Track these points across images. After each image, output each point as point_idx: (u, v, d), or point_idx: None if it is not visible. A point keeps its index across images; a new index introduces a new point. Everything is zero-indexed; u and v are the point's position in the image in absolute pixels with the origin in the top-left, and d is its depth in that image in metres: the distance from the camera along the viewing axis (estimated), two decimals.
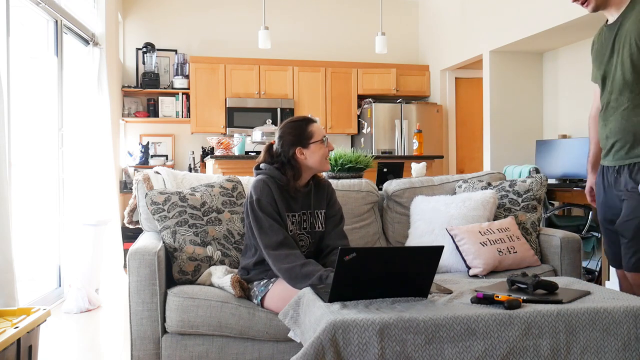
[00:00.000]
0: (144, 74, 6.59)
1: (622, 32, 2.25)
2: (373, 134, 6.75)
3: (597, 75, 2.41)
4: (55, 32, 4.39)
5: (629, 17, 2.23)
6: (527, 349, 1.63)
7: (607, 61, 2.32)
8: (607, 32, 2.34)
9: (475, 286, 1.98)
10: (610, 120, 2.32)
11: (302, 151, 2.31)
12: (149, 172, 2.76)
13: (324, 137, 2.34)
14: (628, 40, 2.21)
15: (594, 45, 2.45)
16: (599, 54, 2.38)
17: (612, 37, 2.30)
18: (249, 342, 2.27)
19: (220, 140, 4.67)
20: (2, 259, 2.92)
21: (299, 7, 7.29)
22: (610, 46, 2.30)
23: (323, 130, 2.38)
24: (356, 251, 1.70)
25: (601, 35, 2.40)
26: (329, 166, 2.40)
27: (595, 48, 2.42)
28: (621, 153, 2.29)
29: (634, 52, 2.19)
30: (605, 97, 2.35)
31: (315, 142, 2.31)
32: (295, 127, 2.34)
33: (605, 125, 2.35)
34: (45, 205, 4.36)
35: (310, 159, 2.32)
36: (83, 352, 3.26)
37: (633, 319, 1.70)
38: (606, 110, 2.35)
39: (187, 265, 2.42)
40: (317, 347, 1.55)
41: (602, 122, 2.38)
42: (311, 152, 2.31)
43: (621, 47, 2.24)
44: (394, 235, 3.00)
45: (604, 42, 2.35)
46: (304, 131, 2.32)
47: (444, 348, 1.60)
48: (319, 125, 2.39)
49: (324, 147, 2.33)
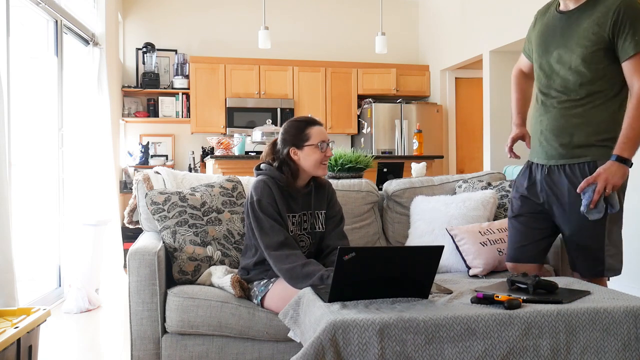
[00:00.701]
0: (144, 74, 6.59)
1: (578, 27, 2.15)
2: (373, 134, 6.75)
3: (537, 59, 2.29)
4: (55, 32, 4.39)
5: (588, 14, 2.13)
6: (527, 349, 1.63)
7: (552, 50, 2.22)
8: (558, 19, 2.23)
9: (475, 286, 1.98)
10: (549, 117, 2.24)
11: (296, 152, 2.30)
12: (149, 172, 2.76)
13: (320, 142, 2.28)
14: (583, 39, 2.12)
15: (537, 24, 2.35)
16: (544, 37, 2.27)
17: (563, 26, 2.20)
18: (249, 342, 2.27)
19: (220, 140, 4.67)
20: (2, 259, 2.92)
21: (299, 7, 7.29)
22: (558, 36, 2.21)
23: (324, 135, 2.31)
24: (355, 251, 1.70)
25: (547, 17, 2.29)
26: (324, 172, 2.34)
27: (540, 29, 2.30)
28: (558, 152, 2.23)
29: (587, 53, 2.11)
30: (544, 89, 2.25)
31: (309, 146, 2.28)
32: (294, 126, 2.33)
33: (542, 120, 2.27)
34: (45, 205, 4.36)
35: (304, 161, 2.30)
36: (83, 352, 3.25)
37: (633, 319, 1.70)
38: (544, 104, 2.26)
39: (187, 265, 2.42)
40: (317, 347, 1.54)
41: (538, 116, 2.29)
42: (305, 155, 2.29)
43: (574, 44, 2.15)
44: (394, 235, 3.00)
45: (552, 27, 2.25)
46: (301, 132, 2.30)
47: (444, 348, 1.60)
48: (320, 129, 2.32)
49: (318, 152, 2.29)
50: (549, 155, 2.27)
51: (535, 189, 2.33)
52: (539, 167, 2.32)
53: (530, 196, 2.35)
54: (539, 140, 2.30)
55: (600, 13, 2.11)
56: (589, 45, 2.11)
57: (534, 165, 2.35)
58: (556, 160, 2.25)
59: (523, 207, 2.37)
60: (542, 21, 2.33)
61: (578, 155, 2.20)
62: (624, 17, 2.06)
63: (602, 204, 2.08)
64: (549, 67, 2.24)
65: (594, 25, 2.11)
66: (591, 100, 2.16)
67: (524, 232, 2.37)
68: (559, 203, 2.26)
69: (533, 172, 2.35)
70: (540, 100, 2.30)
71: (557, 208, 2.28)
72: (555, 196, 2.27)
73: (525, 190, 2.36)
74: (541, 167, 2.31)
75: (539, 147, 2.31)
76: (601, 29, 2.09)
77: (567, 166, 2.23)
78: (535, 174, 2.34)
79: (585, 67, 2.14)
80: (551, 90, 2.24)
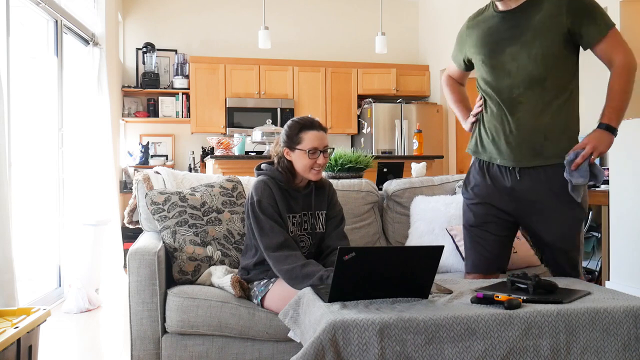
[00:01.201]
0: (144, 74, 6.59)
1: (529, 23, 2.14)
2: (373, 134, 6.75)
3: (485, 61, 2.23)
4: (55, 32, 4.39)
5: (537, 10, 2.13)
6: (527, 349, 1.63)
7: (503, 49, 2.17)
8: (501, 18, 2.20)
9: (475, 286, 1.98)
10: (518, 117, 2.16)
11: (289, 153, 2.29)
12: (149, 172, 2.76)
13: (310, 149, 2.23)
14: (539, 33, 2.11)
15: (474, 30, 2.29)
16: (490, 39, 2.22)
17: (511, 25, 2.17)
18: (249, 342, 2.27)
19: (220, 140, 4.67)
20: (2, 259, 2.92)
21: (299, 7, 7.29)
22: (508, 34, 2.17)
23: (318, 141, 2.25)
24: (355, 251, 1.70)
25: (486, 20, 2.25)
26: (316, 177, 2.29)
27: (482, 33, 2.25)
28: (532, 153, 2.16)
29: (546, 46, 2.10)
30: (505, 91, 2.18)
31: (300, 150, 2.26)
32: (291, 127, 2.31)
33: (505, 121, 2.19)
34: (45, 205, 4.36)
35: (296, 163, 2.29)
36: (83, 352, 3.26)
37: (633, 319, 1.70)
38: (509, 105, 2.18)
39: (187, 265, 2.42)
40: (317, 347, 1.54)
41: (499, 118, 2.21)
42: (296, 157, 2.28)
43: (530, 39, 2.12)
44: (394, 235, 3.00)
45: (496, 27, 2.21)
46: (295, 135, 2.28)
47: (444, 348, 1.60)
48: (316, 134, 2.25)
49: (307, 158, 2.25)
50: (519, 157, 2.18)
51: (499, 195, 2.24)
52: (506, 170, 2.23)
53: (494, 202, 2.26)
54: (505, 142, 2.20)
55: (550, 7, 2.12)
56: (547, 38, 2.11)
57: (493, 166, 2.26)
58: (529, 162, 2.17)
59: (488, 215, 2.27)
60: (481, 25, 2.28)
61: (554, 155, 2.16)
62: (577, 6, 2.10)
63: (587, 169, 2.08)
64: (502, 66, 2.19)
65: (547, 19, 2.11)
66: (556, 95, 2.15)
67: (491, 242, 2.28)
68: (537, 209, 2.20)
69: (492, 174, 2.26)
70: (497, 102, 2.21)
71: (535, 214, 2.21)
72: (532, 202, 2.20)
73: (488, 195, 2.27)
74: (508, 170, 2.22)
75: (505, 148, 2.20)
76: (557, 22, 2.10)
77: (543, 168, 2.17)
78: (499, 178, 2.24)
79: (546, 60, 2.12)
80: (513, 89, 2.17)
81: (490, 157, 2.27)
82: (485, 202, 2.28)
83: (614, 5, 4.34)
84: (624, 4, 4.29)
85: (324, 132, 2.30)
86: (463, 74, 2.52)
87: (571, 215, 2.20)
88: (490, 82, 2.23)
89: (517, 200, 2.22)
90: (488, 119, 2.27)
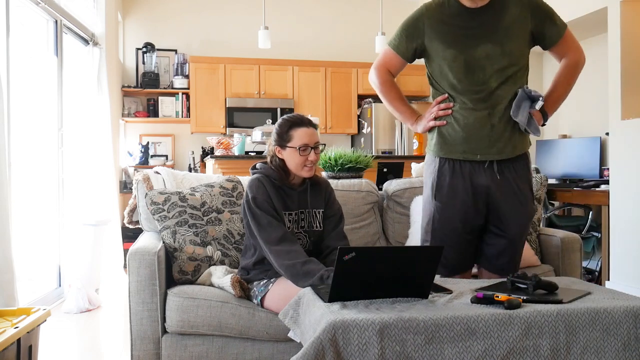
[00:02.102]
0: (143, 73, 6.59)
1: (498, 22, 2.19)
2: (373, 134, 6.75)
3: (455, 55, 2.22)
4: (55, 32, 4.39)
5: (505, 10, 2.21)
6: (527, 349, 1.63)
7: (475, 46, 2.19)
8: (469, 14, 2.22)
9: (475, 286, 1.98)
10: (499, 109, 2.20)
11: (280, 151, 2.30)
12: (148, 172, 2.76)
13: (301, 146, 2.24)
14: (511, 32, 2.19)
15: (435, 24, 2.26)
16: (459, 36, 2.23)
17: (482, 22, 2.21)
18: (249, 342, 2.27)
19: (220, 140, 4.67)
20: (2, 259, 2.92)
21: (299, 7, 7.28)
22: (479, 32, 2.20)
23: (309, 138, 2.26)
24: (355, 251, 1.70)
25: (452, 15, 2.25)
26: (308, 174, 2.30)
27: (448, 27, 2.25)
28: (512, 145, 2.24)
29: (517, 44, 2.21)
30: (480, 87, 2.21)
31: (291, 148, 2.26)
32: (281, 125, 2.33)
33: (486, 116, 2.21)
34: (45, 205, 4.36)
35: (287, 161, 2.30)
36: (83, 352, 3.26)
37: (633, 319, 1.70)
38: (486, 100, 2.21)
39: (187, 265, 2.42)
40: (317, 347, 1.54)
41: (476, 113, 2.22)
42: (287, 155, 2.29)
43: (502, 38, 2.18)
44: (394, 235, 3.00)
45: (465, 24, 2.22)
46: (285, 133, 2.29)
47: (444, 348, 1.60)
48: (306, 131, 2.26)
49: (298, 155, 2.25)
50: (501, 149, 2.23)
51: (473, 192, 2.25)
52: (484, 164, 2.24)
53: (468, 198, 2.26)
54: (488, 136, 2.21)
55: (515, 8, 2.23)
56: (517, 36, 2.22)
57: (466, 164, 2.26)
58: (508, 154, 2.25)
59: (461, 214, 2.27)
60: (448, 20, 2.26)
61: (522, 147, 2.29)
62: (539, 9, 2.26)
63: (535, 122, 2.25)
64: (476, 62, 2.20)
65: (516, 19, 2.22)
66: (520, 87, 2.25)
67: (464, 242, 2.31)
68: (509, 201, 2.26)
69: (465, 172, 2.26)
70: (472, 98, 2.22)
71: (506, 206, 2.26)
72: (505, 195, 2.26)
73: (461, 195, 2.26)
74: (484, 166, 2.24)
75: (486, 142, 2.21)
76: (524, 23, 2.23)
77: (513, 160, 2.27)
78: (473, 174, 2.25)
79: (516, 56, 2.23)
80: (489, 83, 2.20)
81: (466, 155, 2.25)
82: (458, 201, 2.27)
83: (614, 5, 4.34)
84: (624, 4, 4.29)
85: (314, 128, 2.32)
86: (402, 65, 2.45)
87: (530, 211, 2.32)
88: (462, 78, 2.23)
89: (491, 198, 2.26)
90: (462, 117, 2.24)
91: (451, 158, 2.28)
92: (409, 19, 2.35)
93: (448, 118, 2.28)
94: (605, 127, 4.76)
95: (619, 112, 4.29)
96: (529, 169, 2.35)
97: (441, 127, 2.30)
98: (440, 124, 2.30)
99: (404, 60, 2.41)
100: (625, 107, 4.28)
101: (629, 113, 4.28)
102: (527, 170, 2.33)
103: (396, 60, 2.42)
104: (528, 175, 2.33)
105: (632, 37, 4.29)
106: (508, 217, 2.27)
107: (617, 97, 4.30)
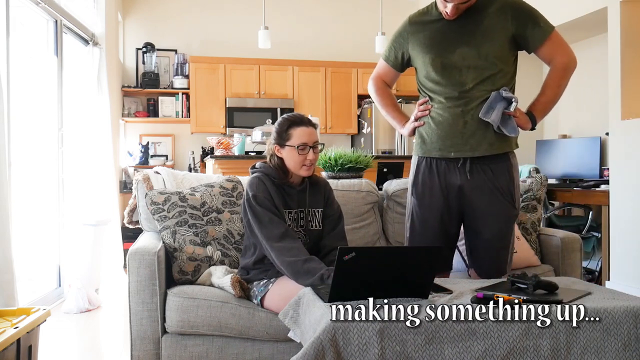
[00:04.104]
0: (143, 74, 6.59)
1: (477, 28, 2.22)
2: (373, 134, 6.75)
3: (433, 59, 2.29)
4: (55, 32, 4.39)
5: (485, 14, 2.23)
6: (527, 349, 1.63)
7: (452, 50, 2.25)
8: (448, 22, 2.27)
9: (475, 286, 1.98)
10: (469, 109, 2.24)
11: (280, 150, 2.31)
12: (148, 172, 2.76)
13: (299, 145, 2.25)
14: (488, 36, 2.21)
15: (418, 33, 2.34)
16: (436, 40, 2.29)
17: (458, 27, 2.25)
18: (249, 342, 2.27)
19: (220, 140, 4.67)
20: (2, 259, 2.92)
21: (299, 7, 7.28)
22: (456, 37, 2.25)
23: (308, 137, 2.27)
24: (355, 251, 1.70)
25: (434, 23, 2.31)
26: (306, 173, 2.31)
27: (430, 34, 2.31)
28: (484, 144, 2.24)
29: (496, 47, 2.21)
30: (456, 87, 2.25)
31: (290, 147, 2.28)
32: (280, 124, 2.34)
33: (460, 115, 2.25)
34: (45, 205, 4.36)
35: (286, 160, 2.31)
36: (83, 352, 3.26)
37: (633, 319, 1.70)
38: (461, 99, 2.25)
39: (187, 265, 2.42)
40: (317, 347, 1.54)
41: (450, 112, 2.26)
42: (286, 154, 2.30)
43: (479, 42, 2.21)
44: (394, 235, 3.00)
45: (443, 31, 2.28)
46: (284, 132, 2.30)
47: (444, 348, 1.60)
48: (305, 130, 2.28)
49: (297, 154, 2.27)
50: (474, 146, 2.25)
51: (448, 191, 2.30)
52: (455, 165, 2.28)
53: (442, 200, 2.31)
54: (461, 132, 2.25)
55: (495, 13, 2.23)
56: (495, 40, 2.22)
57: (442, 163, 2.30)
58: (482, 152, 2.25)
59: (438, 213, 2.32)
60: (427, 27, 2.33)
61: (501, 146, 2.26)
62: (520, 12, 2.24)
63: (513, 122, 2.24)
64: (454, 64, 2.25)
65: (494, 24, 2.23)
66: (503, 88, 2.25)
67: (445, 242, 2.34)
68: (484, 201, 2.27)
69: (441, 171, 2.31)
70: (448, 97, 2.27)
71: (480, 206, 2.27)
72: (479, 195, 2.27)
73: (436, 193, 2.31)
74: (458, 165, 2.27)
75: (460, 138, 2.26)
76: (503, 27, 2.23)
77: (489, 165, 2.26)
78: (448, 174, 2.29)
79: (494, 59, 2.22)
80: (465, 84, 2.24)
81: (441, 153, 2.30)
82: (434, 199, 2.32)
83: (614, 5, 4.34)
84: (624, 4, 4.29)
85: (313, 128, 2.33)
86: (395, 75, 2.57)
87: (508, 213, 2.29)
88: (440, 80, 2.29)
89: (464, 196, 2.29)
90: (438, 115, 2.30)
91: (429, 157, 2.35)
92: (396, 31, 2.46)
93: (426, 118, 2.35)
94: (605, 127, 4.76)
95: (619, 112, 4.29)
96: (511, 169, 2.31)
97: (421, 127, 2.38)
98: (419, 124, 2.38)
99: (395, 70, 2.53)
100: (625, 107, 4.28)
101: (628, 113, 4.28)
102: (507, 170, 2.29)
103: (388, 70, 2.54)
104: (508, 175, 2.29)
105: (632, 37, 4.29)
106: (481, 218, 2.29)
107: (617, 97, 4.30)
